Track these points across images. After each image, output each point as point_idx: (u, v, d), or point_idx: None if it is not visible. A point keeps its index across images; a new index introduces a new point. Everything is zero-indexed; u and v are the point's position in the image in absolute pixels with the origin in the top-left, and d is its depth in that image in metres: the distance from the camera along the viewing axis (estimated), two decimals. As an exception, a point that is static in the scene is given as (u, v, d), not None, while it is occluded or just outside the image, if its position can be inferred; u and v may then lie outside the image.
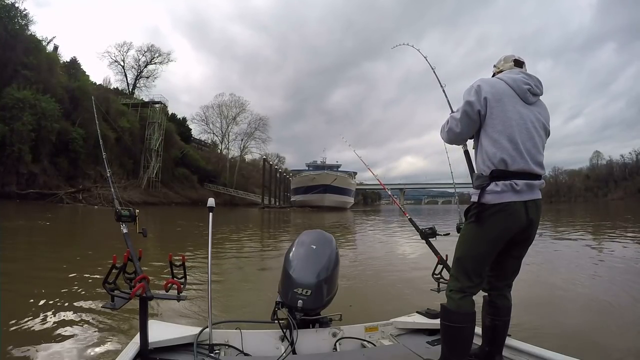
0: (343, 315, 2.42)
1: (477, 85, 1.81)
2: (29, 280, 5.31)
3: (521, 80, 1.81)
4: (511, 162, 1.71)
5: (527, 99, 1.80)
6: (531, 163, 1.74)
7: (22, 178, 30.79)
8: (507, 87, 1.80)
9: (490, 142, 1.75)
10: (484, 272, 1.80)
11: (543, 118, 1.85)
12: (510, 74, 1.87)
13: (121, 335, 3.24)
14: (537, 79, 1.86)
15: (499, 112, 1.75)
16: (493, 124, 1.76)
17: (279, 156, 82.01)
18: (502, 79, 1.84)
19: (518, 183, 1.70)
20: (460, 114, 1.85)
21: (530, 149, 1.74)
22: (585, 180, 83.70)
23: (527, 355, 1.86)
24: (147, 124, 47.40)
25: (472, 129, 1.88)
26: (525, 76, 1.84)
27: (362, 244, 11.69)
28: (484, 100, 1.77)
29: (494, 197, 1.70)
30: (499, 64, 2.03)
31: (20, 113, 30.27)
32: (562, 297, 4.81)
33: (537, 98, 1.85)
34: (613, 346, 3.16)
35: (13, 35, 32.95)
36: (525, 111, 1.78)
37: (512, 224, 1.71)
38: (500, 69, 2.01)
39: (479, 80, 1.84)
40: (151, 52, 56.69)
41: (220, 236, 11.87)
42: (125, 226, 2.04)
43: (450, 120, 1.93)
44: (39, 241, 10.12)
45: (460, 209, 2.62)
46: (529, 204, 1.73)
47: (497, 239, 1.73)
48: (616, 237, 11.36)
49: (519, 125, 1.74)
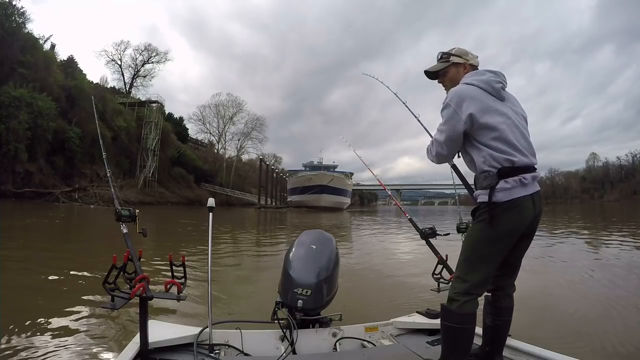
0: (342, 315, 2.41)
1: (455, 104, 1.77)
2: (27, 280, 5.27)
3: (493, 80, 1.81)
4: (516, 160, 1.71)
5: (502, 97, 1.82)
6: (531, 157, 1.77)
7: (18, 177, 30.59)
8: (482, 91, 1.79)
9: (489, 147, 1.74)
10: (491, 273, 1.79)
11: (519, 109, 1.87)
12: (477, 75, 1.86)
13: (121, 335, 3.23)
14: (501, 74, 1.88)
15: (487, 120, 1.74)
16: (485, 132, 1.75)
17: (275, 156, 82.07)
18: (473, 84, 1.81)
19: (526, 177, 1.71)
20: (445, 138, 1.83)
21: (524, 144, 1.76)
22: (581, 181, 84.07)
23: (527, 355, 1.86)
24: (143, 124, 47.20)
25: (459, 147, 1.87)
26: (492, 75, 1.84)
27: (359, 244, 11.69)
28: (469, 117, 1.74)
29: (505, 194, 1.69)
30: (466, 55, 1.97)
31: (17, 111, 30.08)
32: (562, 295, 4.84)
33: (506, 92, 1.87)
34: (614, 346, 3.18)
35: (10, 33, 32.73)
36: (506, 109, 1.79)
37: (523, 219, 1.71)
38: (470, 62, 1.95)
39: (455, 96, 1.79)
40: (148, 51, 56.61)
41: (217, 236, 11.83)
42: (125, 226, 2.03)
43: (436, 144, 1.89)
44: (36, 240, 10.06)
45: (461, 210, 2.63)
46: (534, 196, 1.74)
47: (510, 236, 1.72)
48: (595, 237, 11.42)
49: (508, 125, 1.75)
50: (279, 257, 2.33)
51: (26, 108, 30.76)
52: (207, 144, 68.80)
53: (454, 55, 1.98)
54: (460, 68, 1.97)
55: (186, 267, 2.06)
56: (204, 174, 57.61)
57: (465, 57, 1.97)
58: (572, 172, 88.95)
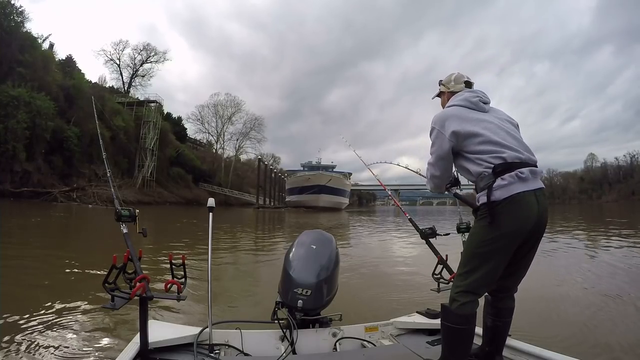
0: (342, 315, 2.42)
1: (439, 125, 1.87)
2: (26, 280, 5.26)
3: (469, 96, 1.92)
4: (507, 156, 1.71)
5: (483, 108, 1.90)
6: (524, 152, 1.77)
7: (16, 176, 30.46)
8: (462, 108, 1.89)
9: (477, 152, 1.77)
10: (496, 274, 1.73)
11: (504, 116, 1.94)
12: (457, 97, 1.97)
13: (121, 335, 3.22)
14: (481, 91, 1.98)
15: (469, 129, 1.79)
16: (470, 140, 1.79)
17: (274, 156, 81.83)
18: (454, 104, 1.93)
19: (523, 171, 1.68)
20: (435, 158, 1.94)
21: (512, 141, 1.78)
22: (579, 182, 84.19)
23: (527, 355, 1.87)
24: (142, 123, 47.12)
25: (450, 165, 1.94)
26: (470, 92, 1.96)
27: (359, 244, 11.69)
28: (452, 134, 1.82)
29: (503, 191, 1.66)
30: (449, 84, 2.10)
31: (15, 111, 29.96)
32: (563, 294, 4.85)
33: (489, 106, 1.94)
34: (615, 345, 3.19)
35: (8, 32, 32.62)
36: (487, 117, 1.86)
37: (526, 217, 1.66)
38: (450, 89, 2.08)
39: (438, 119, 1.89)
40: (147, 50, 56.42)
41: (217, 236, 11.83)
42: (125, 226, 2.03)
43: (429, 168, 2.00)
44: (35, 240, 10.04)
45: (461, 210, 2.63)
46: (538, 193, 1.70)
47: (512, 236, 1.67)
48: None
49: (490, 129, 1.80)
50: (278, 257, 2.33)
51: (24, 107, 30.66)
52: (206, 143, 68.68)
53: (441, 85, 2.15)
54: (444, 97, 2.12)
55: (186, 267, 2.06)
56: (202, 174, 57.53)
57: (448, 85, 2.10)
58: (570, 172, 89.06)
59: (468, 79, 2.05)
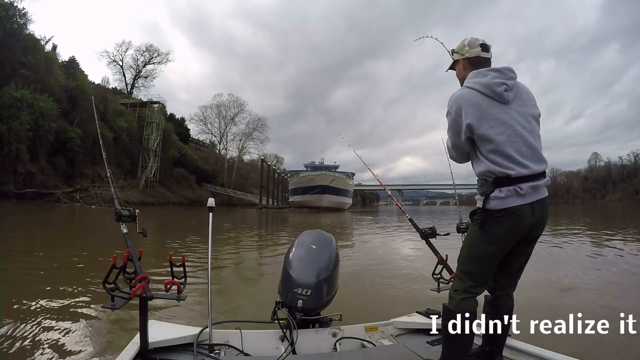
0: (342, 315, 2.42)
1: (454, 112, 1.77)
2: (27, 279, 5.29)
3: (495, 83, 1.72)
4: (512, 172, 1.67)
5: (506, 99, 1.72)
6: (532, 166, 1.69)
7: (20, 177, 30.69)
8: (483, 96, 1.72)
9: (487, 159, 1.72)
10: (489, 273, 1.79)
11: (528, 107, 1.77)
12: (478, 77, 1.76)
13: (121, 335, 3.23)
14: (508, 69, 1.77)
15: (484, 131, 1.69)
16: (483, 144, 1.72)
17: (277, 157, 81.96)
18: (474, 88, 1.74)
19: (522, 187, 1.66)
20: (451, 144, 1.88)
21: (527, 152, 1.69)
22: (583, 181, 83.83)
23: (527, 355, 1.86)
24: (145, 124, 47.24)
25: (466, 152, 1.85)
26: (495, 75, 1.74)
27: (360, 244, 11.69)
28: (467, 127, 1.72)
29: (498, 202, 1.67)
30: (463, 49, 1.88)
31: (18, 112, 30.15)
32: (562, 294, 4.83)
33: (513, 91, 1.74)
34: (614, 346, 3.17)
35: (11, 34, 32.78)
36: (507, 116, 1.70)
37: (517, 227, 1.68)
38: (465, 55, 1.87)
39: (454, 103, 1.77)
40: (150, 51, 56.76)
41: (218, 237, 11.84)
42: (125, 226, 2.04)
43: (447, 145, 1.95)
44: (36, 240, 10.09)
45: (461, 210, 2.63)
46: (534, 205, 1.69)
47: (503, 242, 1.71)
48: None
49: (508, 135, 1.68)
50: (279, 257, 2.33)
51: (27, 109, 30.85)
52: (209, 144, 68.96)
53: (454, 53, 1.94)
54: (459, 65, 1.92)
55: (186, 267, 2.06)
56: (205, 175, 57.67)
57: (462, 51, 1.89)
58: (574, 172, 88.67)
59: (484, 42, 1.85)
